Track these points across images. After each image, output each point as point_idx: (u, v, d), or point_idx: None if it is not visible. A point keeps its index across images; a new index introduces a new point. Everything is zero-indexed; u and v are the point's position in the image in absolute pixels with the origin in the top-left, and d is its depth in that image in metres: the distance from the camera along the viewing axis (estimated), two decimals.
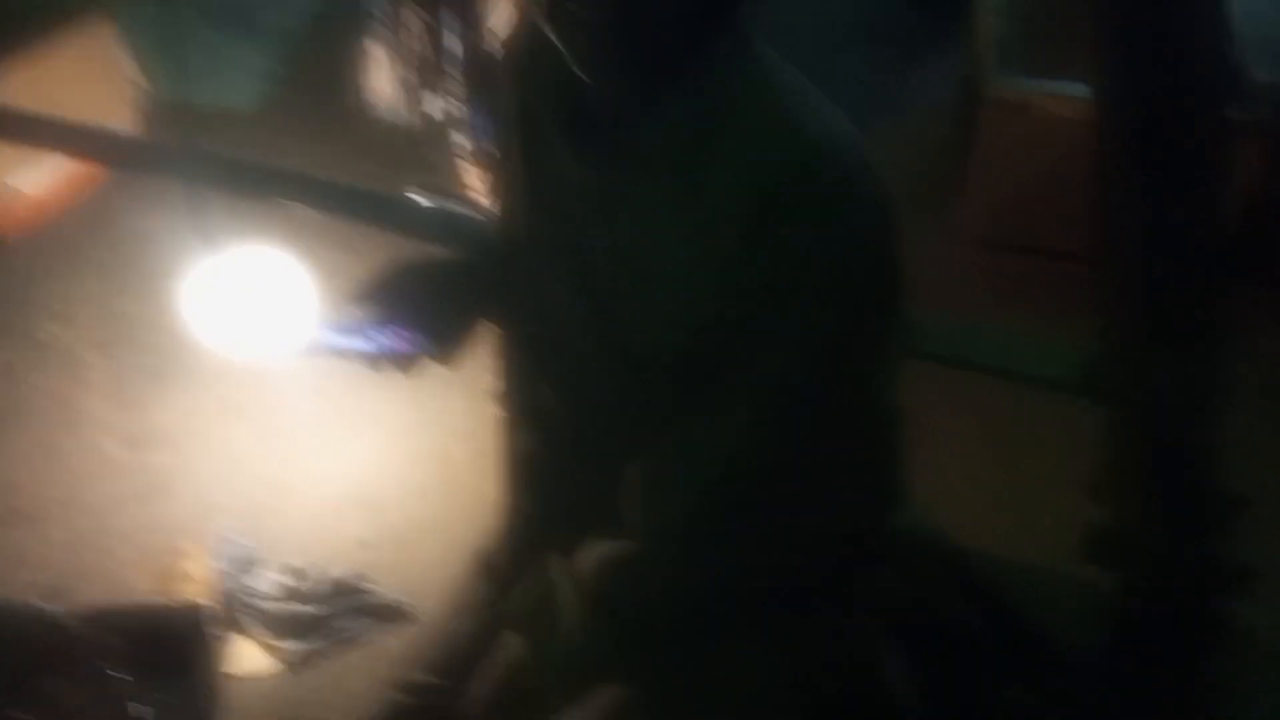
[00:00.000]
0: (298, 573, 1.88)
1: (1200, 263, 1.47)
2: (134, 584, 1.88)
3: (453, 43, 2.26)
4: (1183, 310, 1.53)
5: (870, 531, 1.09)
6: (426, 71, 2.38)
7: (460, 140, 2.33)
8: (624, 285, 0.97)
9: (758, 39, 0.93)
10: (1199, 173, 1.42)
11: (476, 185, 2.34)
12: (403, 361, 1.07)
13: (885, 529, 1.12)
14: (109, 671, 1.54)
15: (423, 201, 2.65)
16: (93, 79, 2.80)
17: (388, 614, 1.84)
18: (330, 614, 1.83)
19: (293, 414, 2.21)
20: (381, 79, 2.52)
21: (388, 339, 1.05)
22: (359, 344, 1.04)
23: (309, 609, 1.82)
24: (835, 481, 0.98)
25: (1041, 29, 2.71)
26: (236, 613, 1.82)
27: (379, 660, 1.77)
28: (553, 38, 0.88)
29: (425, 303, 1.09)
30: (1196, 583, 1.49)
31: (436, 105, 2.46)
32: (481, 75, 2.25)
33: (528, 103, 1.03)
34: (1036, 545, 1.83)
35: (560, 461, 1.14)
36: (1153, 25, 1.35)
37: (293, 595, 1.84)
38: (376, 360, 1.06)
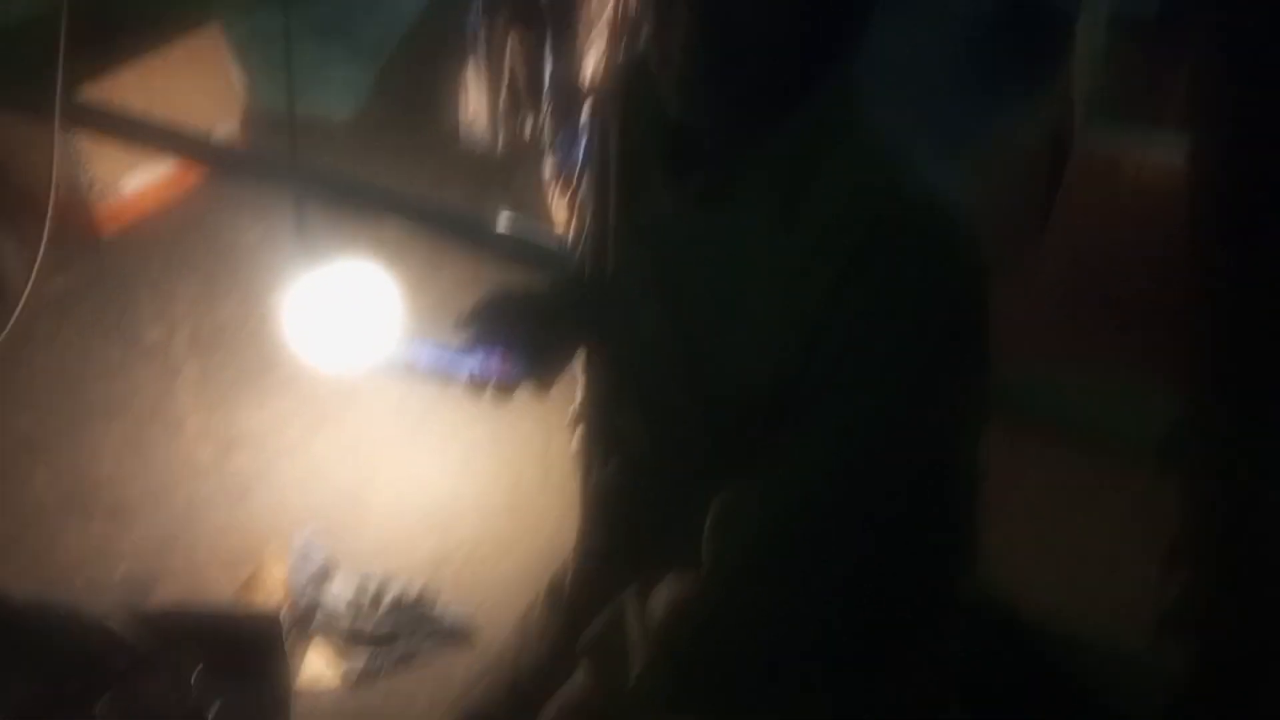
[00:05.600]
0: (370, 588, 1.92)
1: None
2: (215, 585, 1.94)
3: (549, 69, 2.30)
4: (1267, 376, 1.50)
5: (940, 589, 1.09)
6: (521, 96, 2.42)
7: (550, 165, 2.36)
8: (713, 319, 0.98)
9: (861, 83, 0.94)
10: None
11: (563, 210, 2.38)
12: (502, 387, 1.10)
13: (956, 588, 1.11)
14: (183, 671, 1.58)
15: (513, 223, 2.70)
16: (201, 86, 2.90)
17: (454, 636, 1.88)
18: (398, 632, 1.86)
19: (375, 428, 2.26)
20: (477, 99, 2.56)
21: (489, 365, 1.08)
22: (462, 369, 1.07)
23: (378, 625, 1.86)
24: (908, 533, 0.98)
25: (1138, 82, 2.68)
26: (308, 623, 1.87)
27: (442, 681, 1.80)
28: (655, 74, 0.90)
29: (525, 330, 1.12)
30: (1269, 658, 1.46)
31: (529, 130, 2.50)
32: (575, 104, 2.29)
33: (626, 133, 1.05)
34: (1105, 614, 1.81)
35: (639, 493, 1.15)
36: (1250, 86, 1.33)
37: (363, 610, 1.88)
38: (477, 385, 1.09)
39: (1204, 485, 1.64)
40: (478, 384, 1.09)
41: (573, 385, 1.63)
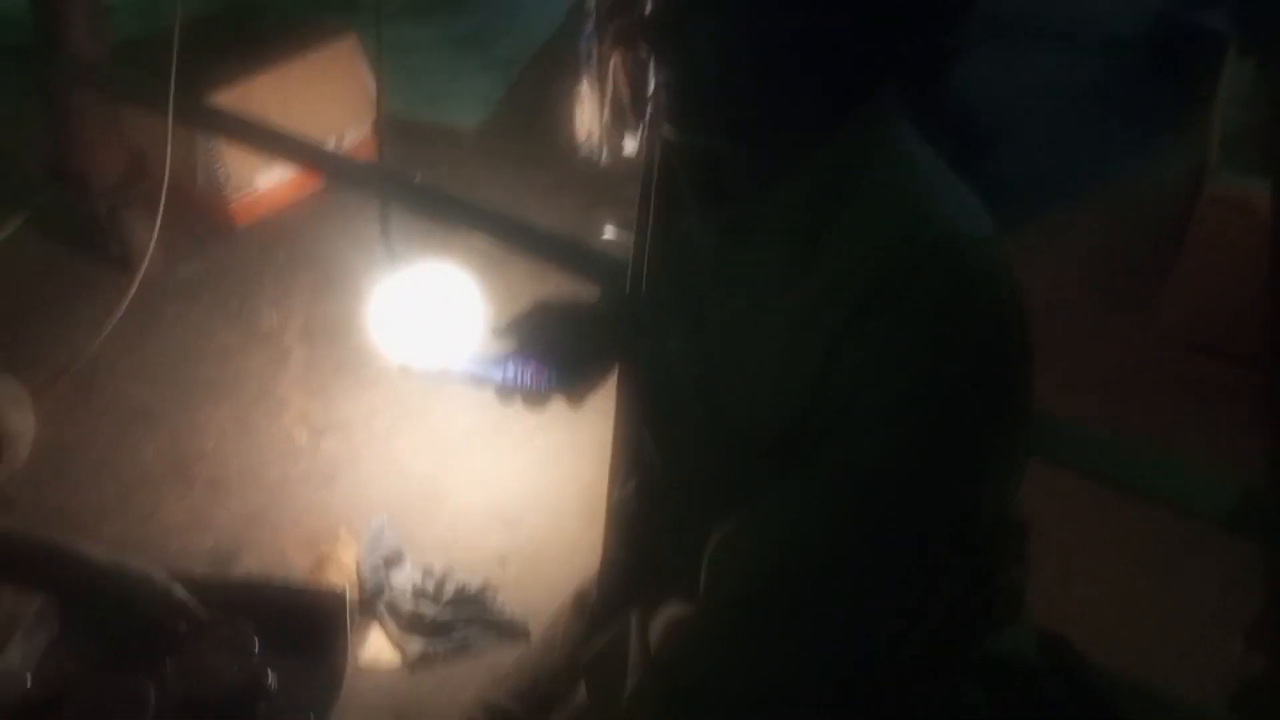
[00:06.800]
0: (434, 575, 1.99)
1: None
2: (293, 561, 2.05)
3: (650, 89, 2.35)
4: None
5: (952, 644, 1.05)
6: (625, 115, 2.50)
7: None
8: (730, 351, 0.98)
9: (896, 120, 0.92)
10: None
11: None
12: (532, 396, 1.13)
13: (975, 645, 1.07)
14: (247, 641, 1.67)
15: (610, 237, 2.75)
16: (337, 91, 3.07)
17: (509, 630, 1.92)
18: (456, 621, 1.92)
19: (455, 422, 2.34)
20: (588, 116, 2.65)
21: (521, 373, 1.11)
22: (494, 375, 1.10)
23: (439, 613, 1.93)
24: (908, 584, 0.93)
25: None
26: (373, 604, 1.96)
27: (494, 673, 1.84)
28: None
29: (561, 342, 1.14)
30: None
31: (632, 148, 2.56)
32: None
33: (667, 157, 1.06)
34: (1185, 682, 1.70)
35: (653, 515, 1.15)
36: None
37: (426, 596, 1.95)
38: (508, 393, 1.12)
39: None
40: (508, 392, 1.12)
41: None
